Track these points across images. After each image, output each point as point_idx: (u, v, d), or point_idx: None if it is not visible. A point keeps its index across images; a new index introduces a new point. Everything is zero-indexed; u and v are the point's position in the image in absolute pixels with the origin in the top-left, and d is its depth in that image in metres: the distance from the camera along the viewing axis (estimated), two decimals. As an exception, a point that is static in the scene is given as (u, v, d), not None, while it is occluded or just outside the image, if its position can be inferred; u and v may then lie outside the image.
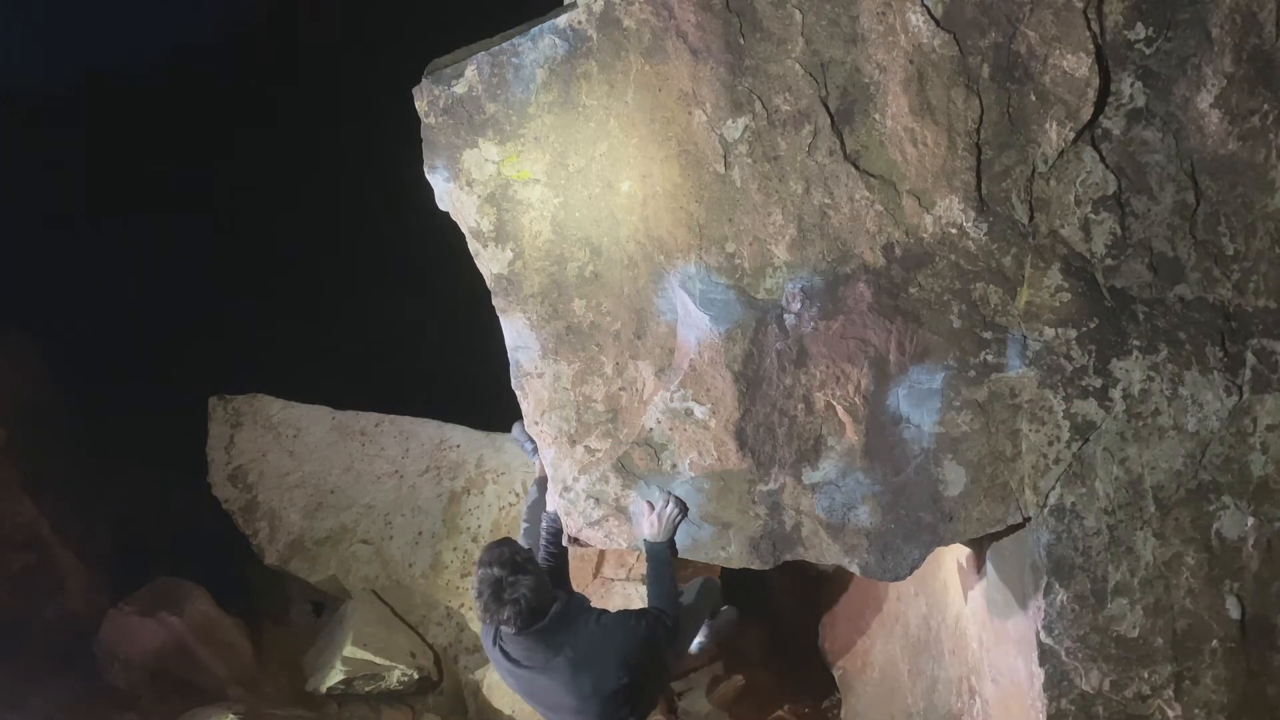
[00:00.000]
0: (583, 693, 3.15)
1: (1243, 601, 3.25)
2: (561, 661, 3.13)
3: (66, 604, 5.17)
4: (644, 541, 3.46)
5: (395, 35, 6.14)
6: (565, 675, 3.14)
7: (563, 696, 3.19)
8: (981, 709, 3.81)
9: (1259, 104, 3.12)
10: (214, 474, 5.47)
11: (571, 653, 3.13)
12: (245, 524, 5.43)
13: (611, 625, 3.23)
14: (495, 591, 3.01)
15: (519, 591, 3.01)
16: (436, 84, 3.41)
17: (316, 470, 5.43)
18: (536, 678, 3.18)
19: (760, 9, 3.20)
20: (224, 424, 5.51)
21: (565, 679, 3.14)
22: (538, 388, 3.63)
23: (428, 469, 5.37)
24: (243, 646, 5.24)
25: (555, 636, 3.13)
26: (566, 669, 3.13)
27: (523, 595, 3.01)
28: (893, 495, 3.36)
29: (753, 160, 3.29)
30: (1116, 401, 3.21)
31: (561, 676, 3.14)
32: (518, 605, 3.01)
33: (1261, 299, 3.19)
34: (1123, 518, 3.24)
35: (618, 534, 3.58)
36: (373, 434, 5.45)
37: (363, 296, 7.04)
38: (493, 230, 3.51)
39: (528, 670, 3.18)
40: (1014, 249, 3.22)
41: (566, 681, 3.14)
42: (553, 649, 3.13)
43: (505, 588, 3.00)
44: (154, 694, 4.93)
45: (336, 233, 7.06)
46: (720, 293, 3.38)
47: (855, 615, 5.19)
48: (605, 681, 3.15)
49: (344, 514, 5.40)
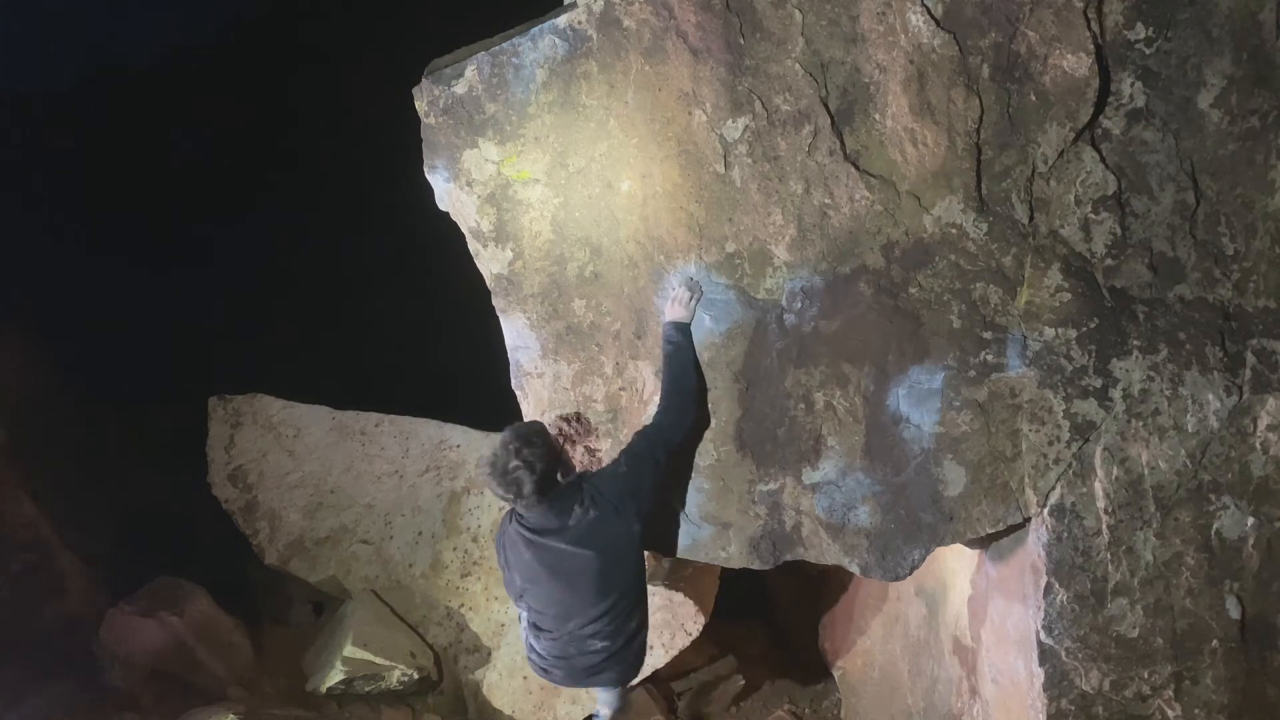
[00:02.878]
0: (599, 546, 3.26)
1: (1243, 601, 3.25)
2: (578, 511, 3.23)
3: (66, 604, 5.16)
4: (670, 324, 3.42)
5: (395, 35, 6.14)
6: (583, 528, 3.23)
7: (579, 556, 3.25)
8: (981, 709, 3.81)
9: (1259, 104, 3.12)
10: (214, 474, 5.46)
11: (592, 508, 3.24)
12: (245, 524, 5.43)
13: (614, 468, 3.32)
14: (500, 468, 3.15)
15: (529, 463, 3.13)
16: (436, 84, 3.41)
17: (316, 470, 5.42)
18: (553, 543, 3.25)
19: (760, 9, 3.20)
20: (224, 424, 5.51)
21: (583, 534, 3.23)
22: (538, 388, 3.63)
23: (428, 469, 5.36)
24: (243, 646, 5.24)
25: (572, 498, 3.24)
26: (589, 523, 3.23)
27: (531, 467, 3.13)
28: (893, 495, 3.36)
29: (753, 160, 3.29)
30: (1116, 401, 3.21)
31: (579, 532, 3.23)
32: (521, 479, 3.13)
33: (1261, 299, 3.19)
34: (1123, 518, 3.24)
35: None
36: (373, 434, 5.45)
37: (363, 296, 7.05)
38: (493, 230, 3.51)
39: (545, 537, 3.25)
40: (1014, 249, 3.22)
41: (584, 536, 3.23)
42: (568, 508, 3.23)
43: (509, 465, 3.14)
44: (154, 694, 4.92)
45: (337, 233, 7.07)
46: (720, 293, 3.38)
47: (855, 615, 5.19)
48: (615, 520, 3.25)
49: (344, 514, 5.40)
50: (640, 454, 3.30)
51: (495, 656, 5.15)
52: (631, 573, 3.38)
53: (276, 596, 5.69)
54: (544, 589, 3.34)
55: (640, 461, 3.29)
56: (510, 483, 3.15)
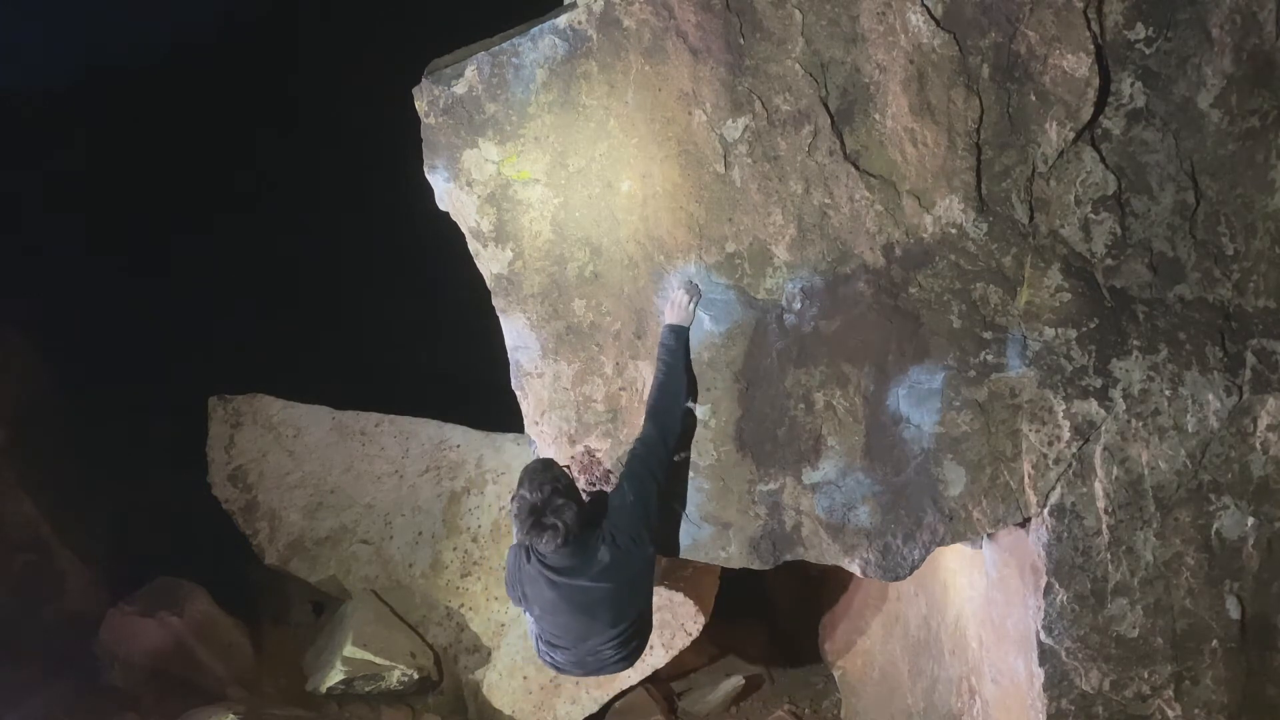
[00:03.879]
0: (621, 580, 3.29)
1: (1243, 601, 3.25)
2: (603, 551, 3.25)
3: (66, 604, 5.16)
4: (666, 328, 3.43)
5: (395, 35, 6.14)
6: (605, 565, 3.25)
7: (598, 589, 3.28)
8: (981, 709, 3.81)
9: (1259, 104, 3.12)
10: (214, 474, 5.46)
11: (614, 548, 3.26)
12: (245, 524, 5.43)
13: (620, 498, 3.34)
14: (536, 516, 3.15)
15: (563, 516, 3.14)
16: (436, 84, 3.41)
17: (316, 470, 5.42)
18: (576, 581, 3.26)
19: (760, 9, 3.20)
20: (224, 424, 5.50)
21: (605, 569, 3.25)
22: (538, 388, 3.63)
23: (428, 469, 5.36)
24: (243, 646, 5.23)
25: (594, 538, 3.26)
26: (608, 558, 3.25)
27: (565, 520, 3.14)
28: (893, 495, 3.36)
29: (753, 160, 3.29)
30: (1117, 401, 3.21)
31: (601, 568, 3.25)
32: (557, 530, 3.14)
33: (1261, 299, 3.19)
34: (1123, 518, 3.24)
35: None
36: (373, 434, 5.45)
37: (363, 296, 7.04)
38: (493, 230, 3.50)
39: (568, 576, 3.26)
40: (1014, 249, 3.22)
41: (606, 571, 3.25)
42: (593, 548, 3.24)
43: (546, 512, 3.14)
44: (154, 694, 4.92)
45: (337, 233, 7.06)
46: (720, 293, 3.38)
47: (855, 615, 5.19)
48: (635, 550, 3.29)
49: (344, 514, 5.40)
50: (640, 477, 3.33)
51: (495, 656, 5.14)
52: (647, 591, 3.45)
53: (276, 596, 5.69)
54: (563, 619, 3.36)
55: (642, 484, 3.32)
56: (545, 527, 3.14)
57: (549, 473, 3.25)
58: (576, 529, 3.17)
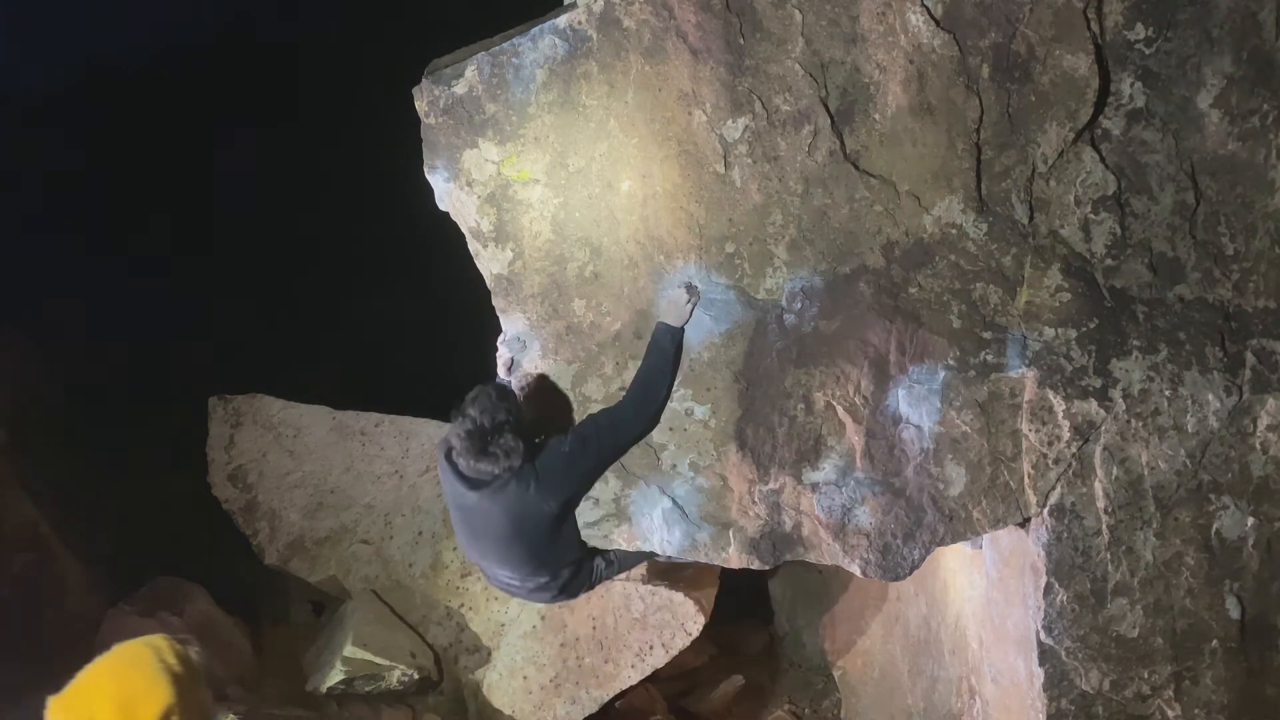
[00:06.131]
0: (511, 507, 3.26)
1: (1243, 601, 3.25)
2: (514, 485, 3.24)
3: (66, 604, 5.16)
4: (660, 324, 3.40)
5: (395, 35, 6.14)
6: (499, 494, 3.25)
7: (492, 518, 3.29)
8: (981, 709, 3.81)
9: (1259, 104, 3.12)
10: (214, 474, 5.46)
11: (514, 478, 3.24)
12: (245, 524, 5.43)
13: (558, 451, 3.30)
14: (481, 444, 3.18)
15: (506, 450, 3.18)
16: (436, 84, 3.41)
17: (316, 470, 5.43)
18: (469, 493, 3.28)
19: (760, 9, 3.20)
20: (224, 424, 5.51)
21: (505, 501, 3.25)
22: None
23: (428, 469, 5.37)
24: (243, 646, 5.23)
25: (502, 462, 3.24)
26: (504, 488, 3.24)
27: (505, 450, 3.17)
28: (893, 495, 3.36)
29: (753, 160, 3.29)
30: (1116, 401, 3.21)
31: (495, 493, 3.25)
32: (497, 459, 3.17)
33: (1261, 299, 3.19)
34: (1123, 518, 3.24)
35: (616, 535, 3.58)
36: (373, 434, 5.45)
37: (363, 296, 7.05)
38: (493, 230, 3.50)
39: (474, 490, 3.27)
40: (1014, 249, 3.22)
41: (504, 501, 3.25)
42: (495, 471, 3.24)
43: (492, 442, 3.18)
44: (154, 694, 4.92)
45: (337, 233, 7.07)
46: (720, 293, 3.38)
47: (855, 615, 5.19)
48: (538, 499, 3.27)
49: (344, 514, 5.40)
50: (587, 439, 3.32)
51: (495, 656, 5.15)
52: (544, 547, 3.42)
53: (276, 596, 5.70)
54: (462, 530, 3.49)
55: (584, 447, 3.31)
56: (486, 455, 3.19)
57: (505, 403, 3.25)
58: (480, 437, 3.17)
